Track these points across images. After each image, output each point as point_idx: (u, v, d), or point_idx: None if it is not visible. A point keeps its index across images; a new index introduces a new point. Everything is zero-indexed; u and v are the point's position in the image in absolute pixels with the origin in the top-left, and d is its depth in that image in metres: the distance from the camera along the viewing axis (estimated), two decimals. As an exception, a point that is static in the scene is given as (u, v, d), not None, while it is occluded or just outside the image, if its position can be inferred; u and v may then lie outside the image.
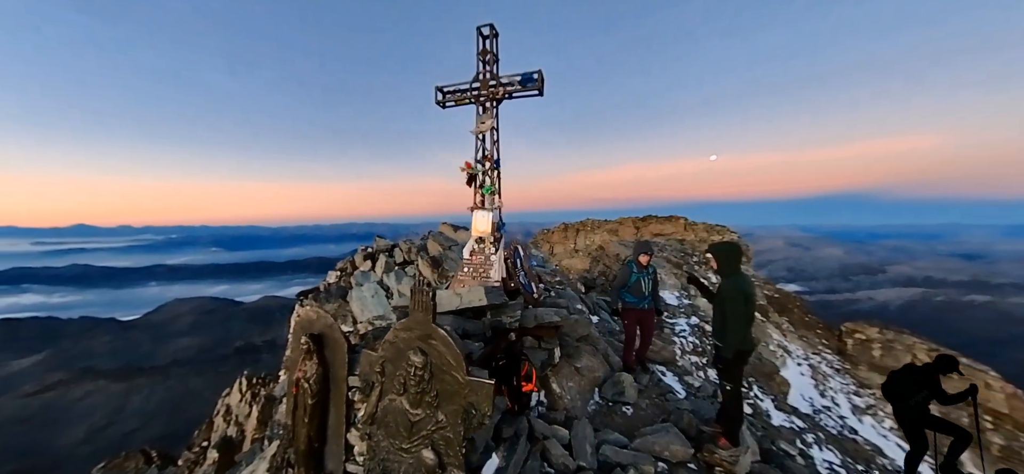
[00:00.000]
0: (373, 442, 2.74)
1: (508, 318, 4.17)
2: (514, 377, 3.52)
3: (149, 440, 18.14)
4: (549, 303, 5.38)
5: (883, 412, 13.26)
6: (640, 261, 4.72)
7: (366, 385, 2.88)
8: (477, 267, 4.93)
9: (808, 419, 10.06)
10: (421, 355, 2.57)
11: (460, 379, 2.52)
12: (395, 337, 2.74)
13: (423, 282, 2.71)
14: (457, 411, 2.51)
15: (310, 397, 2.97)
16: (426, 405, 2.59)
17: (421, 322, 2.66)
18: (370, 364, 2.84)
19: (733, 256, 3.42)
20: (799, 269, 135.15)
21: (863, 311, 71.55)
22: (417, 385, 2.57)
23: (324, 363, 3.05)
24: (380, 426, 2.73)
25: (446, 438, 2.52)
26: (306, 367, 3.01)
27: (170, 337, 70.27)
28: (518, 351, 3.80)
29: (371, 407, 2.77)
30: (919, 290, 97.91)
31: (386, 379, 2.75)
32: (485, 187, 5.17)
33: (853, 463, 8.36)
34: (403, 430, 2.64)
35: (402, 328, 2.73)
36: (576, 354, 4.85)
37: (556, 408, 4.16)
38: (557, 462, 3.19)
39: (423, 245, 8.38)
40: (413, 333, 2.68)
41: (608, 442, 3.65)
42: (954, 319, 73.39)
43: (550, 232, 33.52)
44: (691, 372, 7.79)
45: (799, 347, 15.55)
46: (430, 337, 2.62)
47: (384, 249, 8.61)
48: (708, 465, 3.72)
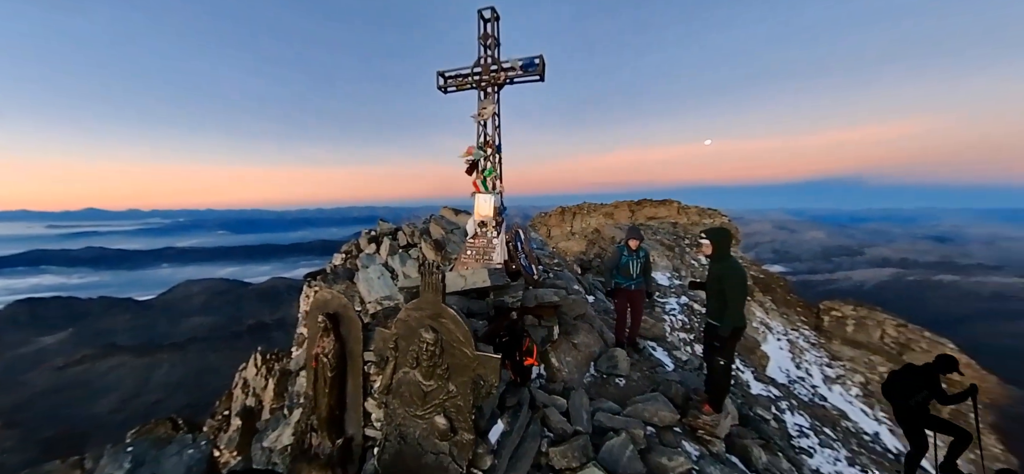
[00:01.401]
0: (389, 410, 2.89)
1: (510, 298, 4.30)
2: (517, 352, 3.68)
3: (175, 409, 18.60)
4: (548, 284, 5.52)
5: (850, 381, 13.81)
6: (630, 245, 4.84)
7: (381, 359, 3.02)
8: (480, 250, 4.98)
9: (783, 388, 10.49)
10: (432, 332, 2.69)
11: (469, 354, 2.65)
12: (407, 316, 2.86)
13: (433, 265, 2.82)
14: (467, 382, 2.66)
15: (329, 370, 3.11)
16: (438, 377, 2.74)
17: (431, 302, 2.77)
18: (384, 340, 2.96)
19: (727, 240, 3.56)
20: (784, 251, 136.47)
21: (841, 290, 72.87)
22: (429, 359, 2.70)
23: (340, 339, 3.18)
24: (395, 396, 2.87)
25: (457, 406, 2.69)
26: (324, 343, 3.13)
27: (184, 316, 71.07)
28: (520, 328, 3.96)
29: (387, 379, 2.91)
30: (893, 270, 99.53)
31: (400, 354, 2.87)
32: (487, 172, 5.12)
33: (820, 426, 8.82)
34: (417, 399, 2.80)
35: (413, 307, 2.84)
36: (573, 331, 5.03)
37: (555, 380, 4.36)
38: (556, 427, 3.40)
39: (426, 228, 8.43)
40: (424, 312, 2.79)
41: (602, 410, 3.86)
42: (922, 297, 75.14)
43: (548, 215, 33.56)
44: (679, 347, 8.07)
45: (780, 324, 15.97)
46: (440, 316, 2.74)
47: (388, 232, 8.66)
48: (692, 428, 3.96)
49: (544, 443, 3.21)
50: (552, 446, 3.16)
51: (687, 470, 3.28)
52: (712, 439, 3.86)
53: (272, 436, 4.45)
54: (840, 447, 8.58)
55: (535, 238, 11.84)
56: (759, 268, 22.68)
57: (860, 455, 8.76)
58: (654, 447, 3.46)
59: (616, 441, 3.30)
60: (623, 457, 3.19)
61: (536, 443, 3.18)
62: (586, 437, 3.28)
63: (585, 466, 3.04)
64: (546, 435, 3.31)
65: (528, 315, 4.62)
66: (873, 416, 12.31)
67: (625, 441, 3.30)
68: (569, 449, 3.10)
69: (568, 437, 3.28)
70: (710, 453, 3.72)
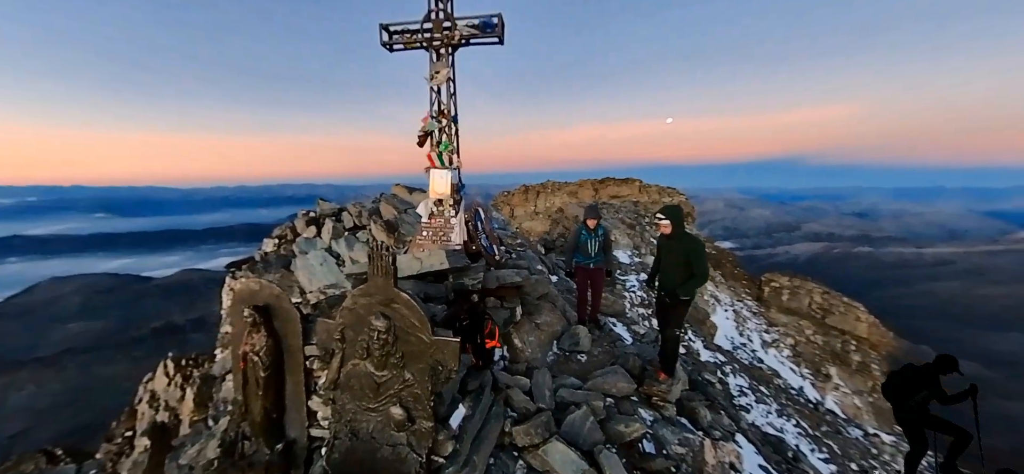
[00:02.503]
0: (338, 406, 2.79)
1: (471, 280, 4.28)
2: (478, 335, 3.72)
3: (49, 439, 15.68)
4: (510, 265, 5.57)
5: (783, 344, 15.86)
6: (588, 224, 4.93)
7: (326, 352, 2.88)
8: (437, 230, 4.81)
9: (728, 354, 11.78)
10: (384, 319, 2.59)
11: (425, 339, 2.61)
12: (354, 304, 2.72)
13: (382, 246, 2.69)
14: (424, 369, 2.63)
15: (262, 370, 2.90)
16: (392, 366, 2.67)
17: (382, 287, 2.66)
18: (329, 332, 2.82)
19: (682, 217, 3.86)
20: (734, 228, 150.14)
21: (779, 263, 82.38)
22: (381, 348, 2.61)
23: (274, 334, 2.97)
24: (344, 390, 2.77)
25: (414, 394, 2.65)
26: (254, 340, 2.91)
27: (53, 322, 57.05)
28: (481, 311, 3.99)
29: (333, 373, 2.79)
30: (822, 244, 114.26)
31: (347, 345, 2.76)
32: (442, 145, 4.83)
33: (757, 385, 10.08)
34: (369, 392, 2.71)
35: (361, 294, 2.71)
36: (536, 311, 5.17)
37: (518, 360, 4.49)
38: (519, 406, 3.53)
39: (375, 208, 8.01)
40: (374, 298, 2.68)
41: (565, 386, 4.06)
42: (844, 267, 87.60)
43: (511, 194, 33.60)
44: (638, 321, 8.67)
45: (727, 296, 17.71)
46: (392, 301, 2.64)
47: (330, 213, 8.08)
48: (647, 396, 4.32)
49: (507, 423, 3.31)
50: (515, 425, 3.28)
51: (642, 434, 3.59)
52: (665, 404, 4.24)
53: (192, 451, 4.13)
54: (772, 402, 9.94)
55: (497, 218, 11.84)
56: (711, 244, 24.79)
57: (787, 407, 10.23)
58: (613, 416, 3.73)
59: (577, 414, 3.50)
60: (583, 428, 3.41)
61: (499, 424, 3.28)
62: (549, 413, 3.44)
63: (548, 441, 3.20)
64: (510, 415, 3.42)
65: (490, 297, 4.65)
66: (799, 374, 14.33)
67: (585, 414, 3.52)
68: (532, 427, 3.24)
69: (531, 415, 3.42)
70: (663, 417, 4.10)
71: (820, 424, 10.10)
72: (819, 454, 8.18)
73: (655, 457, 3.54)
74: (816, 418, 10.54)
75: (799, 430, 9.01)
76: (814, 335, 16.39)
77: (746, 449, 4.55)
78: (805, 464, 6.10)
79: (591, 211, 4.99)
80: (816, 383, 14.07)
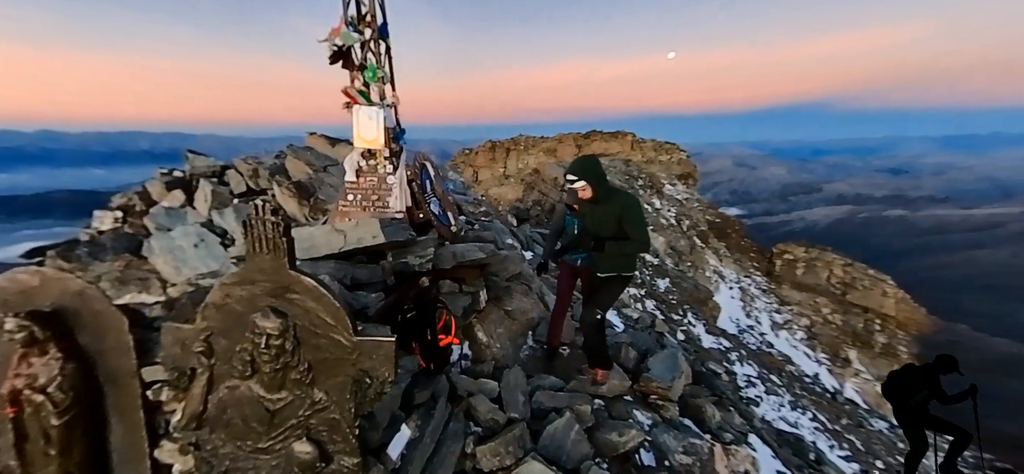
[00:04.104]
0: (207, 451, 2.43)
1: (417, 258, 4.08)
2: (428, 330, 3.56)
3: None
4: (471, 237, 5.40)
5: (796, 325, 17.19)
6: (574, 208, 4.35)
7: (180, 375, 2.46)
8: (368, 192, 4.48)
9: (734, 339, 12.53)
10: (276, 317, 2.25)
11: (344, 342, 2.32)
12: (225, 298, 2.34)
13: (265, 209, 2.27)
14: (343, 384, 2.33)
15: (55, 416, 2.40)
16: (293, 384, 2.34)
17: (270, 269, 2.29)
18: (182, 342, 2.40)
19: (602, 169, 3.62)
20: (742, 191, 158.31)
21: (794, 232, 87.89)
22: (274, 360, 2.27)
23: (78, 355, 2.52)
24: (216, 427, 2.42)
25: (330, 421, 2.36)
26: (34, 368, 2.39)
27: None
28: (432, 298, 3.82)
29: (195, 404, 2.40)
30: (847, 208, 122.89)
31: (218, 359, 2.39)
32: (368, 71, 4.31)
33: (767, 374, 10.84)
34: (257, 425, 2.37)
35: (235, 282, 2.34)
36: (506, 295, 5.07)
37: (483, 359, 4.39)
38: (484, 419, 3.43)
39: (280, 165, 7.33)
40: (257, 287, 2.32)
41: (543, 388, 4.02)
42: (871, 234, 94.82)
43: (474, 153, 33.08)
44: (629, 303, 8.89)
45: (733, 271, 18.75)
46: (288, 289, 2.30)
47: (207, 172, 7.24)
48: (644, 394, 4.41)
49: (470, 442, 3.22)
50: (479, 444, 3.19)
51: (639, 442, 3.64)
52: (665, 404, 4.35)
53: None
54: (784, 392, 10.76)
55: (452, 178, 11.52)
56: (715, 211, 26.00)
57: (802, 397, 11.12)
58: (603, 423, 3.74)
59: (559, 423, 3.47)
60: (567, 441, 3.38)
61: (459, 445, 3.17)
62: (523, 425, 3.38)
63: (522, 461, 3.15)
64: (472, 431, 3.33)
65: (444, 280, 4.51)
66: (814, 359, 15.64)
67: (569, 422, 3.49)
68: (501, 444, 3.16)
69: (500, 429, 3.34)
70: (663, 419, 4.20)
71: (839, 416, 11.09)
72: (839, 451, 8.96)
73: (656, 470, 3.62)
74: (835, 409, 11.56)
75: (816, 424, 9.84)
76: (832, 314, 17.84)
77: (761, 452, 4.82)
78: (828, 467, 6.63)
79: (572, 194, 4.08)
80: (834, 369, 15.42)
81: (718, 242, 20.76)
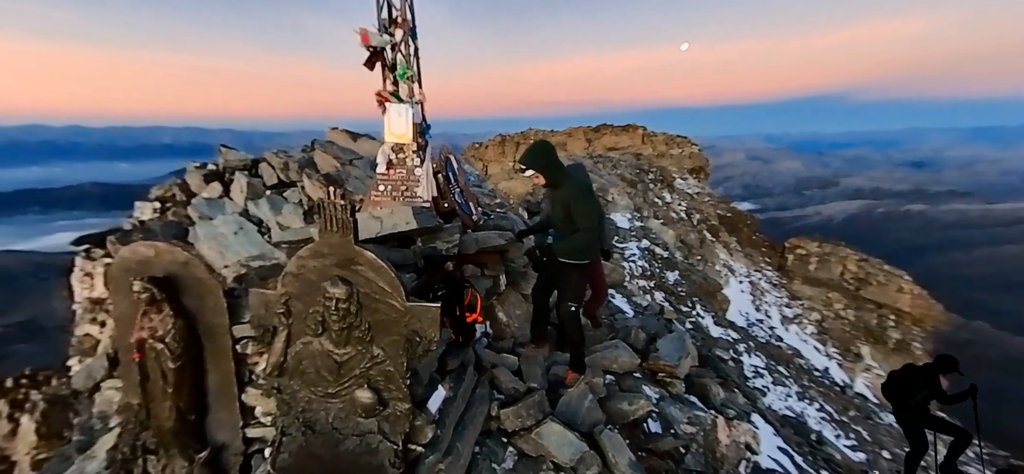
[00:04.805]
0: (285, 396, 2.88)
1: (444, 244, 4.40)
2: (457, 307, 3.94)
3: None
4: (491, 226, 5.77)
5: (807, 319, 17.31)
6: None
7: (264, 332, 2.91)
8: (398, 183, 4.81)
9: (742, 332, 12.80)
10: (343, 285, 2.66)
11: (399, 306, 2.75)
12: (300, 268, 2.78)
13: (336, 194, 2.72)
14: (398, 342, 2.79)
15: (171, 360, 2.87)
16: (356, 341, 2.79)
17: (338, 246, 2.72)
18: (267, 305, 2.85)
19: (554, 155, 3.80)
20: (755, 185, 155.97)
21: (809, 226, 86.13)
22: (341, 320, 2.69)
23: (183, 313, 2.96)
24: (294, 375, 2.86)
25: (386, 373, 2.83)
26: (153, 322, 2.85)
27: None
28: (459, 279, 4.20)
29: (276, 356, 2.84)
30: (864, 202, 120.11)
31: (295, 320, 2.83)
32: (400, 71, 4.62)
33: (775, 365, 11.12)
34: (327, 374, 2.83)
35: (310, 256, 2.77)
36: (523, 280, 5.46)
37: (503, 337, 4.80)
38: (507, 387, 3.84)
39: (308, 159, 7.79)
40: (327, 260, 2.75)
41: (558, 363, 4.43)
42: (889, 229, 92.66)
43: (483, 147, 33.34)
44: (638, 293, 9.25)
45: (743, 265, 18.88)
46: (353, 262, 2.72)
47: (240, 165, 7.70)
48: (652, 372, 4.79)
49: (494, 406, 3.62)
50: (503, 408, 3.60)
51: (647, 412, 4.03)
52: (672, 381, 4.73)
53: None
54: (792, 383, 11.03)
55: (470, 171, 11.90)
56: (727, 205, 26.02)
57: (810, 389, 11.38)
58: (614, 394, 4.14)
59: (574, 392, 3.87)
60: (582, 408, 3.78)
61: (485, 407, 3.58)
62: (541, 392, 3.78)
63: (541, 423, 3.55)
64: (496, 397, 3.73)
65: (467, 264, 4.84)
66: (825, 353, 15.81)
67: (583, 391, 3.89)
68: (523, 408, 3.56)
69: (521, 396, 3.75)
70: (670, 394, 4.59)
71: (848, 408, 11.33)
72: (846, 440, 9.22)
73: (662, 437, 4.01)
74: (843, 401, 11.80)
75: (822, 414, 10.12)
76: (845, 309, 17.90)
77: (763, 429, 5.18)
78: (829, 447, 6.95)
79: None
80: (844, 363, 15.56)
81: (729, 236, 20.87)
